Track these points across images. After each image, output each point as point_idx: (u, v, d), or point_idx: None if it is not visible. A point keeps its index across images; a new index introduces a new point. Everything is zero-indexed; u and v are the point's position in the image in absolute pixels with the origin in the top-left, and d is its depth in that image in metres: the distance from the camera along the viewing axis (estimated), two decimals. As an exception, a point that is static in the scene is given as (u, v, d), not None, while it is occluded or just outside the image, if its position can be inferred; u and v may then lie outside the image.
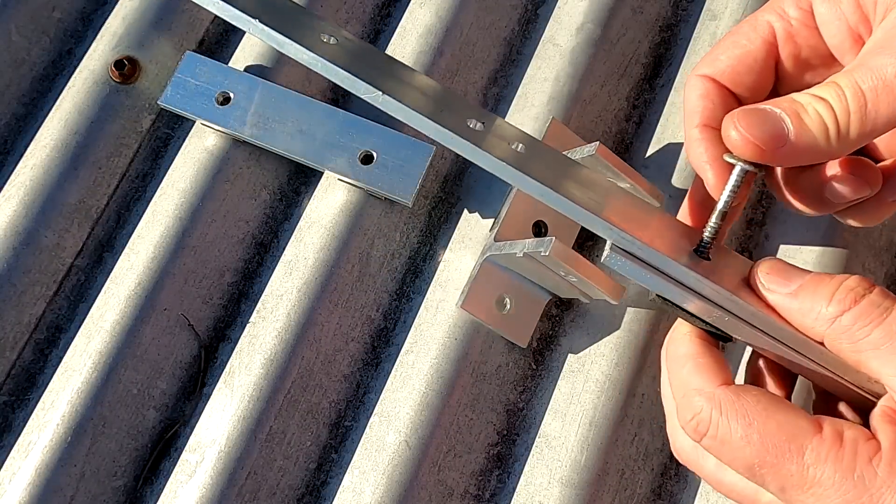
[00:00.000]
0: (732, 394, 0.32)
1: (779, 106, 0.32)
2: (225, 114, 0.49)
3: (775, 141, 0.32)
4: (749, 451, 0.31)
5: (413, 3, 0.54)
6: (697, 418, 0.32)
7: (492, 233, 0.48)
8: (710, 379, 0.33)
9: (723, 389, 0.32)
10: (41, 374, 0.48)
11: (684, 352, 0.35)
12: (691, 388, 0.33)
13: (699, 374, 0.34)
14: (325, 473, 0.47)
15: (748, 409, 0.31)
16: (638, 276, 0.34)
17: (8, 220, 0.48)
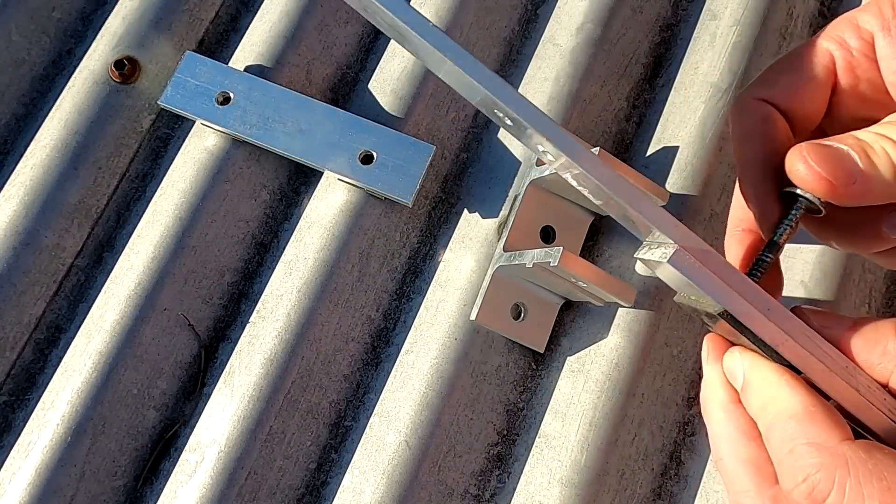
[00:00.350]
0: (863, 451, 0.26)
1: (845, 143, 0.31)
2: (225, 114, 0.49)
3: (847, 178, 0.30)
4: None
5: (413, 3, 0.54)
6: (811, 480, 0.26)
7: (500, 242, 0.48)
8: (830, 431, 0.27)
9: (849, 444, 0.26)
10: (41, 374, 0.48)
11: (787, 398, 0.29)
12: (800, 442, 0.27)
13: (814, 424, 0.27)
14: (325, 473, 0.47)
15: (885, 470, 0.25)
16: (704, 284, 0.30)
17: (8, 220, 0.48)
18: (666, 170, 0.51)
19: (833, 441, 0.27)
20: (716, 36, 0.53)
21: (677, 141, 0.52)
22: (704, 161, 0.50)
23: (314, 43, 0.53)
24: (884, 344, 0.29)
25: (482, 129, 0.53)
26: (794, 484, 0.27)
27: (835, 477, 0.26)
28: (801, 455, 0.27)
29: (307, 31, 0.53)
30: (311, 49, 0.53)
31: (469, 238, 0.50)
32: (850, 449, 0.26)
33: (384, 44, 0.54)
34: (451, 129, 0.52)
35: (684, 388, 0.49)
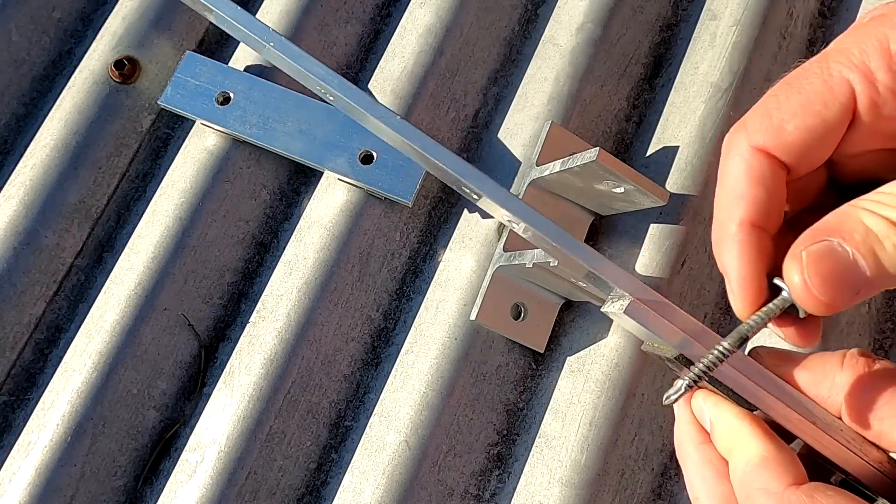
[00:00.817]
0: (806, 496, 0.28)
1: (851, 242, 0.28)
2: (225, 114, 0.49)
3: (851, 295, 0.28)
4: None
5: (413, 3, 0.54)
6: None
7: (500, 242, 0.48)
8: (779, 477, 0.29)
9: (793, 491, 0.28)
10: (41, 374, 0.48)
11: (745, 444, 0.30)
12: (755, 487, 0.29)
13: (768, 470, 0.29)
14: (325, 473, 0.47)
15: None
16: (658, 330, 0.32)
17: (8, 220, 0.48)
18: (666, 170, 0.51)
19: (780, 487, 0.28)
20: (716, 36, 0.53)
21: (677, 141, 0.52)
22: (704, 161, 0.50)
23: (314, 43, 0.53)
24: (831, 377, 0.30)
25: (482, 129, 0.53)
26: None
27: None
28: (754, 500, 0.29)
29: (307, 31, 0.53)
30: (311, 49, 0.53)
31: (469, 238, 0.50)
32: (795, 495, 0.28)
33: (384, 44, 0.54)
34: (451, 129, 0.52)
35: (684, 388, 0.49)
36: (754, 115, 0.30)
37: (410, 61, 0.52)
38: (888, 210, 0.28)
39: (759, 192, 0.30)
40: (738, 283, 0.31)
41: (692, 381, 0.31)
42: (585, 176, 0.44)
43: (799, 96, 0.29)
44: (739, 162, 0.30)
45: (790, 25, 0.55)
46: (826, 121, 0.29)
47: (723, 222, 0.31)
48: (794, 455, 0.30)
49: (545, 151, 0.49)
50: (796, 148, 0.30)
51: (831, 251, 0.28)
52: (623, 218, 0.50)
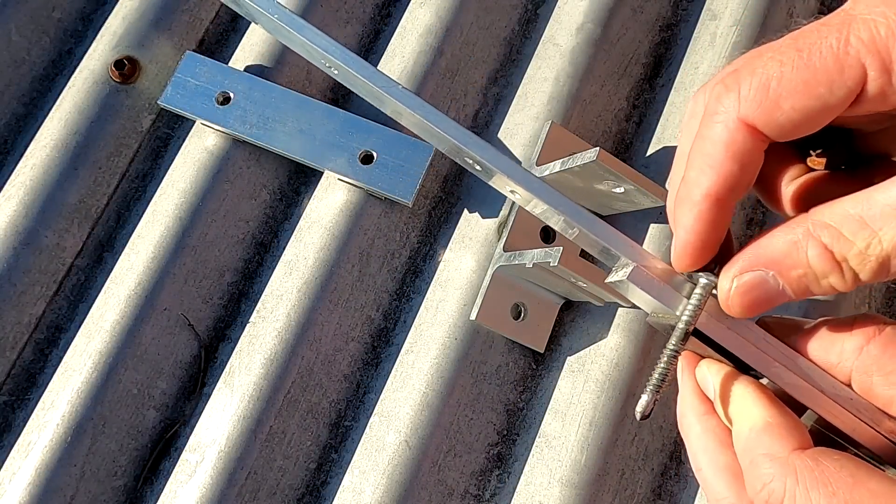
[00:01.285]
0: (810, 459, 0.27)
1: (786, 278, 0.28)
2: (225, 114, 0.49)
3: (767, 309, 0.29)
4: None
5: (413, 3, 0.54)
6: (768, 489, 0.28)
7: (500, 242, 0.48)
8: (783, 442, 0.28)
9: (797, 455, 0.28)
10: (41, 374, 0.48)
11: (749, 410, 0.30)
12: (759, 453, 0.29)
13: (771, 435, 0.29)
14: (325, 473, 0.47)
15: (830, 476, 0.26)
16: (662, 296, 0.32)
17: (8, 220, 0.48)
18: (666, 170, 0.51)
19: (785, 452, 0.28)
20: (716, 36, 0.53)
21: (677, 141, 0.51)
22: (704, 161, 0.50)
23: (314, 43, 0.53)
24: (840, 343, 0.30)
25: (482, 129, 0.53)
26: (755, 492, 0.28)
27: (785, 485, 0.27)
28: (758, 465, 0.28)
29: (307, 31, 0.53)
30: (311, 49, 0.53)
31: (469, 238, 0.50)
32: (799, 459, 0.28)
33: (384, 44, 0.54)
34: (451, 129, 0.52)
35: (684, 388, 0.49)
36: (749, 82, 0.27)
37: (410, 61, 0.52)
38: (840, 244, 0.27)
39: (734, 168, 0.28)
40: (685, 248, 0.30)
41: (655, 389, 0.31)
42: (585, 176, 0.44)
43: (804, 72, 0.26)
44: (722, 130, 0.28)
45: (790, 25, 0.55)
46: (826, 104, 0.27)
47: (689, 184, 0.30)
48: (799, 421, 0.30)
49: (545, 151, 0.49)
50: (786, 127, 0.28)
51: (762, 283, 0.29)
52: (623, 218, 0.51)
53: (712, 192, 0.29)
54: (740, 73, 0.28)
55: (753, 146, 0.28)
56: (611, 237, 0.33)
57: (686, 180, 0.29)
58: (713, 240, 0.30)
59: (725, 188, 0.28)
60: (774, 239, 0.28)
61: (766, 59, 0.27)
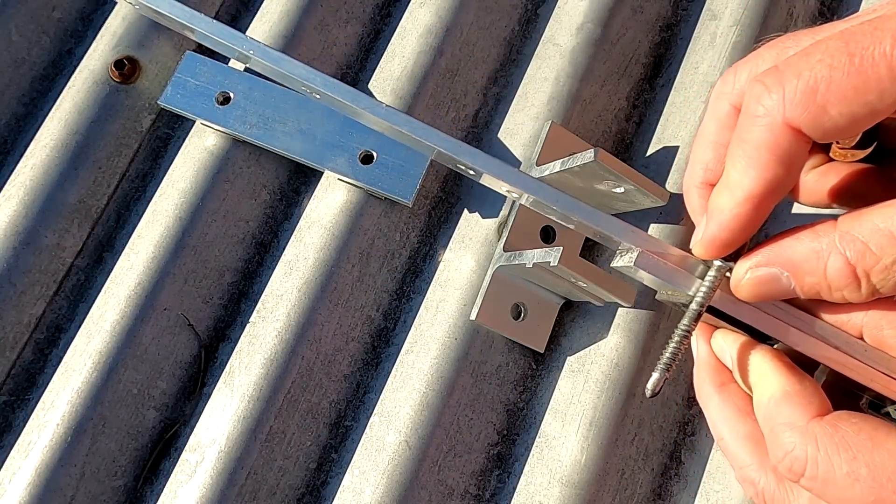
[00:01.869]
0: (829, 426, 0.28)
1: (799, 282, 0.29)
2: (225, 114, 0.49)
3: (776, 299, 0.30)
4: (860, 490, 0.26)
5: (413, 3, 0.54)
6: (790, 457, 0.28)
7: (500, 242, 0.48)
8: (802, 410, 0.29)
9: (816, 422, 0.28)
10: (41, 374, 0.48)
11: (768, 379, 0.31)
12: (779, 422, 0.29)
13: (790, 404, 0.29)
14: (325, 473, 0.47)
15: (849, 440, 0.27)
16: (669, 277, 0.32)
17: (8, 220, 0.48)
18: (666, 170, 0.51)
19: (804, 420, 0.29)
20: (716, 36, 0.53)
21: (677, 141, 0.52)
22: (704, 161, 0.50)
23: (314, 43, 0.53)
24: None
25: (482, 129, 0.53)
26: (777, 460, 0.29)
27: (807, 453, 0.28)
28: (779, 435, 0.29)
29: (307, 31, 0.53)
30: (311, 49, 0.53)
31: (469, 238, 0.50)
32: (819, 426, 0.28)
33: (384, 44, 0.54)
34: (451, 129, 0.52)
35: (684, 388, 0.49)
36: (795, 85, 0.26)
37: (410, 61, 0.52)
38: (865, 259, 0.27)
39: (779, 171, 0.28)
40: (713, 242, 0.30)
41: (665, 367, 0.32)
42: (585, 176, 0.44)
43: (856, 78, 0.25)
44: (766, 132, 0.28)
45: (790, 25, 0.55)
46: (874, 112, 0.26)
47: (731, 184, 0.29)
48: (818, 387, 0.30)
49: (545, 151, 0.49)
50: (831, 131, 0.27)
51: (776, 280, 0.29)
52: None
53: (756, 194, 0.29)
54: (784, 73, 0.27)
55: (799, 148, 0.28)
56: (611, 225, 0.34)
57: (728, 180, 0.29)
58: (745, 237, 0.30)
59: (769, 190, 0.28)
60: (799, 243, 0.29)
61: (814, 60, 0.26)
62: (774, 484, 0.31)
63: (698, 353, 0.34)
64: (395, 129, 0.36)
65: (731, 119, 0.32)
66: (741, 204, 0.29)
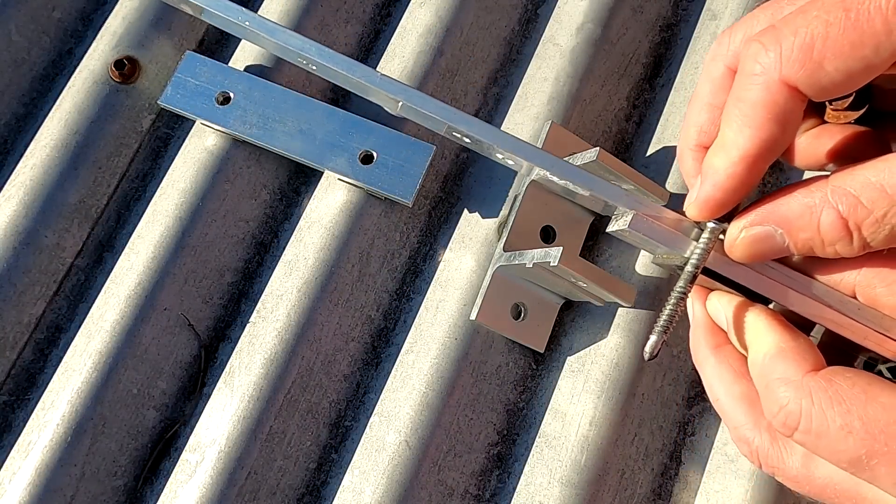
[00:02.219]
0: (824, 380, 0.28)
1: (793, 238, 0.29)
2: (225, 114, 0.49)
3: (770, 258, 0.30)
4: (852, 442, 0.26)
5: (413, 3, 0.54)
6: (785, 411, 0.28)
7: (500, 242, 0.48)
8: (797, 365, 0.29)
9: (811, 377, 0.28)
10: (41, 374, 0.48)
11: (762, 337, 0.31)
12: (774, 377, 0.29)
13: (785, 360, 0.29)
14: (325, 473, 0.47)
15: (843, 394, 0.27)
16: (663, 239, 0.32)
17: (8, 220, 0.48)
18: (666, 170, 0.51)
19: (799, 375, 0.29)
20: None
21: (677, 141, 0.52)
22: (704, 161, 0.50)
23: (314, 43, 0.53)
24: (842, 260, 0.30)
25: (482, 129, 0.53)
26: (772, 415, 0.29)
27: (801, 406, 0.28)
28: (773, 390, 0.29)
29: (307, 31, 0.53)
30: (311, 49, 0.53)
31: (469, 238, 0.50)
32: (813, 380, 0.28)
33: (384, 44, 0.54)
34: (451, 129, 0.52)
35: (684, 387, 0.49)
36: (792, 42, 0.27)
37: (410, 61, 0.52)
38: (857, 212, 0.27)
39: (774, 130, 0.28)
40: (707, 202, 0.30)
41: (663, 329, 0.32)
42: (585, 176, 0.44)
43: (852, 33, 0.25)
44: (762, 91, 0.28)
45: (790, 25, 0.55)
46: (869, 66, 0.26)
47: (726, 143, 0.29)
48: (812, 343, 0.30)
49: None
50: (828, 88, 0.27)
51: (769, 238, 0.29)
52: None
53: (751, 153, 0.29)
54: (781, 31, 0.27)
55: (794, 107, 0.28)
56: (607, 189, 0.34)
57: (723, 140, 0.29)
58: (739, 197, 0.30)
59: (764, 149, 0.28)
60: (792, 199, 0.29)
61: (810, 17, 0.26)
62: (769, 443, 0.31)
63: (694, 315, 0.35)
64: (391, 97, 0.36)
65: (726, 80, 0.31)
66: (736, 163, 0.29)
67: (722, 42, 0.32)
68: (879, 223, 0.27)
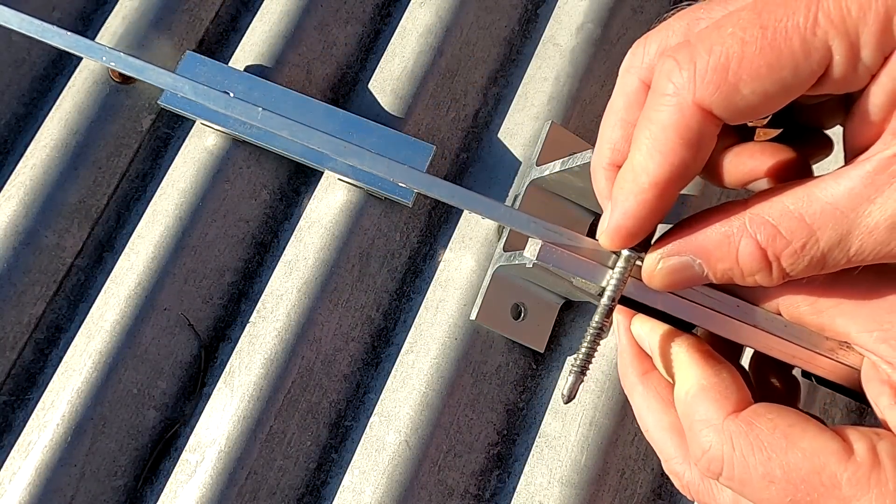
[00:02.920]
0: (745, 424, 0.27)
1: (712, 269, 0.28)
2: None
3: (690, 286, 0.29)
4: (775, 491, 0.26)
5: (413, 3, 0.54)
6: (708, 456, 0.27)
7: (500, 242, 0.48)
8: (718, 406, 0.28)
9: (731, 420, 0.27)
10: (41, 374, 0.48)
11: (684, 372, 0.30)
12: (696, 419, 0.28)
13: (706, 400, 0.28)
14: (325, 473, 0.47)
15: (764, 440, 0.26)
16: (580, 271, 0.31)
17: (8, 220, 0.48)
18: (666, 170, 0.51)
19: (720, 418, 0.28)
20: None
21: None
22: (704, 161, 0.50)
23: (314, 43, 0.53)
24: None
25: (482, 129, 0.53)
26: (696, 459, 0.28)
27: (723, 453, 0.27)
28: (696, 433, 0.28)
29: (307, 31, 0.53)
30: (311, 49, 0.53)
31: (469, 238, 0.50)
32: (734, 424, 0.27)
33: (384, 44, 0.54)
34: (451, 129, 0.52)
35: (684, 388, 0.49)
36: (707, 61, 0.25)
37: (410, 61, 0.52)
38: (775, 243, 0.26)
39: (685, 155, 0.26)
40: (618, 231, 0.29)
41: (580, 370, 0.31)
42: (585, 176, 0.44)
43: (769, 54, 0.24)
44: (674, 113, 0.26)
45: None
46: (787, 89, 0.24)
47: (635, 168, 0.27)
48: (735, 376, 0.29)
49: (545, 151, 0.49)
50: (744, 111, 0.25)
51: (687, 268, 0.28)
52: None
53: (661, 180, 0.27)
54: (695, 48, 0.25)
55: (708, 131, 0.26)
56: (513, 217, 0.33)
57: (632, 164, 0.28)
58: (651, 225, 0.29)
59: (675, 175, 0.27)
60: (710, 228, 0.28)
61: (725, 34, 0.24)
62: (699, 478, 0.30)
63: (619, 340, 0.33)
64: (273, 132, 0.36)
65: (639, 95, 0.30)
66: (646, 190, 0.27)
67: (636, 53, 0.30)
68: (798, 254, 0.26)
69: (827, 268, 0.26)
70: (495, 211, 0.33)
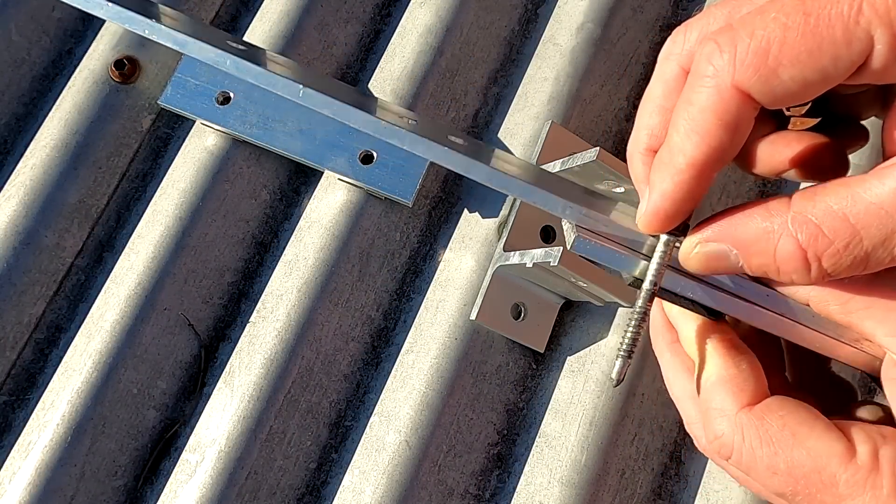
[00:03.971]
0: (756, 418, 0.29)
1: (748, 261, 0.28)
2: (225, 113, 0.49)
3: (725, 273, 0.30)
4: (777, 482, 0.28)
5: (413, 3, 0.54)
6: (719, 442, 0.30)
7: (500, 242, 0.48)
8: (733, 398, 0.30)
9: (745, 413, 0.29)
10: (41, 374, 0.48)
11: (707, 360, 0.31)
12: (712, 406, 0.30)
13: (723, 391, 0.30)
14: (326, 473, 0.47)
15: (773, 435, 0.28)
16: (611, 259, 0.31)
17: (8, 220, 0.48)
18: (666, 170, 0.51)
19: (734, 408, 0.30)
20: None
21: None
22: (704, 161, 0.50)
23: (314, 43, 0.53)
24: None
25: (482, 129, 0.53)
26: (708, 442, 0.31)
27: (733, 442, 0.29)
28: (711, 419, 0.30)
29: (307, 31, 0.53)
30: (311, 49, 0.53)
31: (469, 238, 0.50)
32: (746, 416, 0.29)
33: (384, 44, 0.54)
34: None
35: (684, 387, 0.49)
36: (748, 45, 0.25)
37: (410, 61, 0.52)
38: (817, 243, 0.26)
39: (723, 137, 0.26)
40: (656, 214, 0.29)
41: (626, 354, 0.31)
42: (586, 175, 0.44)
43: (810, 40, 0.24)
44: (713, 95, 0.26)
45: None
46: (826, 76, 0.24)
47: (672, 149, 0.28)
48: (755, 368, 0.30)
49: (545, 151, 0.49)
50: (782, 96, 0.25)
51: (724, 257, 0.29)
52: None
53: (698, 161, 0.27)
54: (737, 32, 0.25)
55: (745, 114, 0.26)
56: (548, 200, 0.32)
57: (669, 145, 0.28)
58: (689, 208, 0.29)
59: (712, 157, 0.27)
60: (750, 221, 0.28)
61: (768, 18, 0.24)
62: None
63: (652, 314, 0.35)
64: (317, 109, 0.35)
65: (678, 82, 0.30)
66: (684, 171, 0.28)
67: (676, 40, 0.30)
68: (841, 254, 0.26)
69: (869, 268, 0.26)
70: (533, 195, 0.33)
